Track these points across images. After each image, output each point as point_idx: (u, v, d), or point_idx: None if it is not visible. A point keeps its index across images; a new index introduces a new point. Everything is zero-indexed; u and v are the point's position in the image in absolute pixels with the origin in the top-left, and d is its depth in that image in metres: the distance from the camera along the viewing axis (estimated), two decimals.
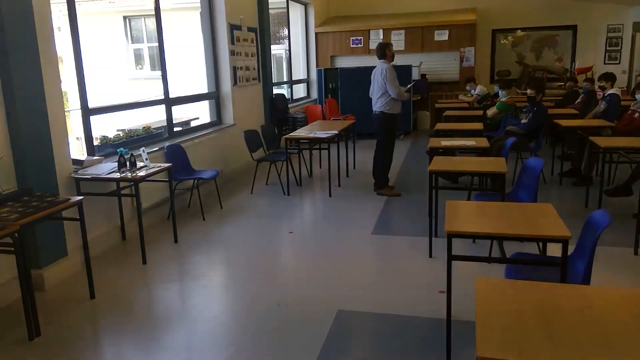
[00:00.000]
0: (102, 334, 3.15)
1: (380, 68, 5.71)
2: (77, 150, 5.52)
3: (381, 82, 5.64)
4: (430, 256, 4.05)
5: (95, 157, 4.46)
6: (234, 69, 7.03)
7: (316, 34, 11.13)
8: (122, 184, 4.29)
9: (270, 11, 8.41)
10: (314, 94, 11.11)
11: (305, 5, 10.89)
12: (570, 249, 2.53)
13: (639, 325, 1.61)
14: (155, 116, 6.51)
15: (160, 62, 5.87)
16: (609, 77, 6.83)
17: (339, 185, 6.38)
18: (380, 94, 5.71)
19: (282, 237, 4.83)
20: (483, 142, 4.94)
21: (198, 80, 7.22)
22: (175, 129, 6.24)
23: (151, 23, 10.47)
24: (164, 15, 5.82)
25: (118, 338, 3.05)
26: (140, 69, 11.88)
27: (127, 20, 11.65)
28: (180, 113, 7.31)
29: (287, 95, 9.63)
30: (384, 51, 5.70)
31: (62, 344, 2.96)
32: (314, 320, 3.12)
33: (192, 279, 3.90)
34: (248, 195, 6.16)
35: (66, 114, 4.14)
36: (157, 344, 2.95)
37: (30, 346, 2.93)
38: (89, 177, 4.04)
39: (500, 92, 7.65)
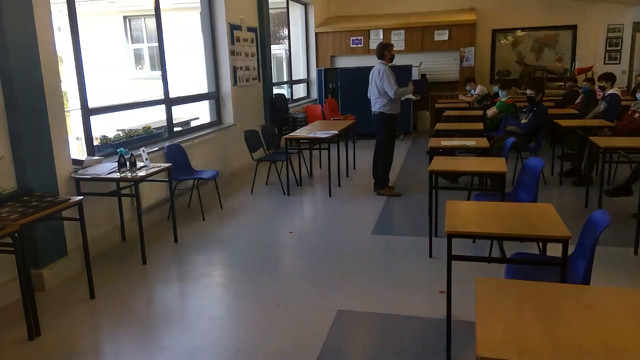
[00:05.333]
0: (102, 334, 3.15)
1: (377, 69, 5.72)
2: (77, 150, 5.51)
3: (379, 83, 5.65)
4: (430, 256, 4.05)
5: (95, 157, 4.46)
6: (234, 69, 7.03)
7: (316, 34, 11.13)
8: (122, 184, 4.29)
9: (270, 11, 8.41)
10: (314, 94, 11.11)
11: (305, 5, 10.89)
12: (570, 249, 2.53)
13: (639, 325, 1.61)
14: (155, 116, 6.51)
15: (160, 62, 5.87)
16: (609, 77, 6.83)
17: (339, 185, 6.37)
18: (378, 95, 5.71)
19: (282, 237, 4.83)
20: (483, 142, 4.94)
21: (198, 80, 7.22)
22: (175, 129, 6.24)
23: (151, 23, 10.46)
24: (164, 15, 5.82)
25: (118, 338, 3.05)
26: (140, 69, 11.87)
27: (127, 20, 11.65)
28: (180, 113, 7.31)
29: (287, 95, 9.63)
30: (383, 52, 5.71)
31: (62, 344, 2.96)
32: (314, 320, 3.12)
33: (192, 279, 3.90)
34: (248, 195, 6.16)
35: (66, 114, 4.14)
36: (157, 344, 2.95)
37: (30, 346, 2.93)
38: (89, 177, 4.05)
39: (500, 92, 7.65)
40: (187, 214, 5.41)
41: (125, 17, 11.59)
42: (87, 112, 4.54)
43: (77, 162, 4.19)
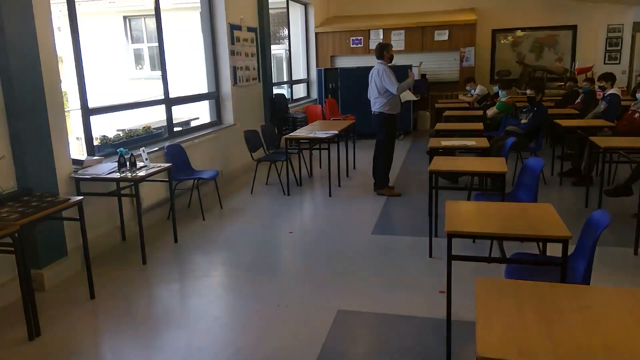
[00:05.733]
0: (102, 334, 3.15)
1: (376, 69, 5.73)
2: (77, 150, 5.51)
3: (379, 82, 5.65)
4: (430, 256, 4.05)
5: (95, 157, 4.46)
6: (234, 69, 7.03)
7: (316, 34, 11.13)
8: (122, 184, 4.29)
9: (270, 11, 8.41)
10: (314, 94, 11.11)
11: (305, 5, 10.89)
12: (570, 249, 2.53)
13: (639, 325, 1.61)
14: (155, 116, 6.51)
15: (160, 62, 5.87)
16: (609, 77, 6.83)
17: (339, 185, 6.37)
18: (378, 95, 5.72)
19: (282, 237, 4.83)
20: (483, 142, 4.94)
21: (198, 80, 7.22)
22: (175, 129, 6.24)
23: (151, 23, 10.46)
24: (164, 15, 5.82)
25: (118, 338, 3.05)
26: (140, 69, 11.87)
27: (127, 20, 11.65)
28: (180, 113, 7.31)
29: (287, 95, 9.63)
30: (382, 52, 5.72)
31: (62, 344, 2.96)
32: (314, 320, 3.12)
33: (192, 279, 3.90)
34: (248, 195, 6.16)
35: (66, 114, 4.14)
36: (157, 344, 2.95)
37: (30, 346, 2.93)
38: (89, 177, 4.05)
39: (500, 92, 7.65)
40: (187, 214, 5.41)
41: (125, 17, 11.59)
42: (87, 112, 4.54)
43: (77, 162, 4.19)
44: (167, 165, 4.43)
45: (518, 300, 1.79)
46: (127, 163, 4.19)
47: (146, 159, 4.44)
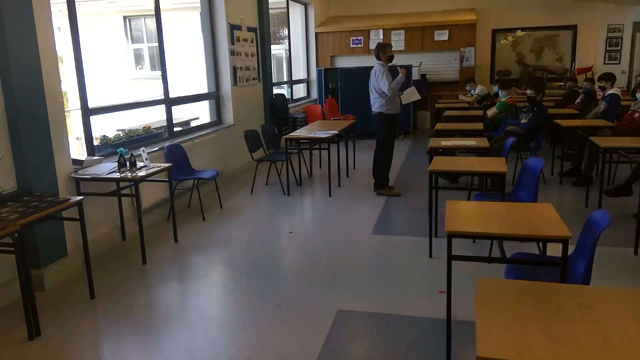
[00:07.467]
0: (102, 334, 3.15)
1: (375, 69, 5.76)
2: (77, 150, 5.51)
3: (376, 82, 5.67)
4: (430, 256, 4.05)
5: (95, 157, 4.46)
6: (234, 69, 7.03)
7: (316, 34, 11.13)
8: (122, 184, 4.29)
9: (270, 11, 8.41)
10: (314, 94, 11.12)
11: (305, 5, 10.89)
12: (570, 249, 2.53)
13: (639, 325, 1.61)
14: (155, 116, 6.51)
15: (160, 62, 5.87)
16: (609, 77, 6.84)
17: (339, 185, 6.37)
18: (377, 95, 5.72)
19: (282, 237, 4.83)
20: (483, 142, 4.94)
21: (198, 80, 7.22)
22: (175, 129, 6.24)
23: (151, 23, 10.46)
24: (164, 15, 5.82)
25: (118, 338, 3.05)
26: (140, 69, 11.87)
27: (127, 20, 11.65)
28: (180, 113, 7.31)
29: (287, 95, 9.64)
30: (379, 53, 5.73)
31: (62, 344, 2.96)
32: (314, 320, 3.12)
33: (192, 279, 3.90)
34: (248, 195, 6.16)
35: (66, 114, 4.14)
36: (157, 344, 2.95)
37: (30, 346, 2.93)
38: (89, 177, 4.05)
39: (500, 92, 7.65)
40: (187, 214, 5.41)
41: (125, 17, 11.59)
42: (87, 112, 4.54)
43: (77, 162, 4.19)
44: (167, 165, 4.43)
45: (518, 301, 1.79)
46: (127, 163, 4.19)
47: (146, 159, 4.44)
